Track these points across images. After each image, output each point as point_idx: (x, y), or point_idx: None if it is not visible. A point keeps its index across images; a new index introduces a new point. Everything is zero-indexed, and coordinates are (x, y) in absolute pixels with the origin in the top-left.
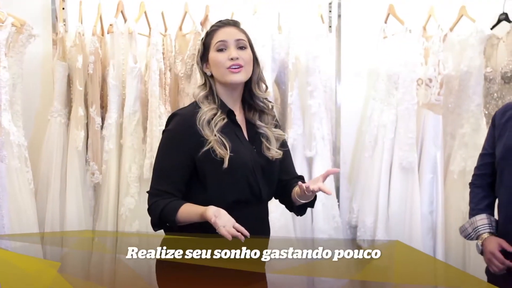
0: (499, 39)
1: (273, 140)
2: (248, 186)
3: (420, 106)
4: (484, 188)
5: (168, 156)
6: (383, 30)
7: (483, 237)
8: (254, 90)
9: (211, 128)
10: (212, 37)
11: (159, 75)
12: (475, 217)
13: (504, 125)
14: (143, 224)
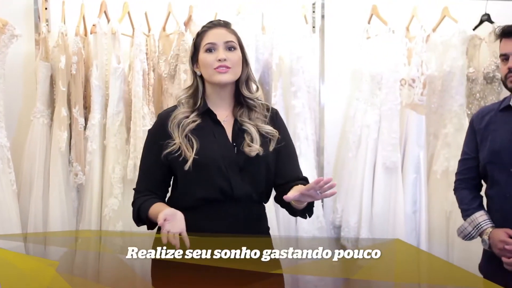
0: (482, 40)
1: (256, 136)
2: (218, 184)
3: (404, 106)
4: (471, 190)
5: (145, 155)
6: (367, 30)
7: (488, 232)
8: (242, 90)
9: (180, 130)
10: (202, 38)
11: (142, 76)
12: (474, 214)
13: (485, 129)
14: (127, 225)
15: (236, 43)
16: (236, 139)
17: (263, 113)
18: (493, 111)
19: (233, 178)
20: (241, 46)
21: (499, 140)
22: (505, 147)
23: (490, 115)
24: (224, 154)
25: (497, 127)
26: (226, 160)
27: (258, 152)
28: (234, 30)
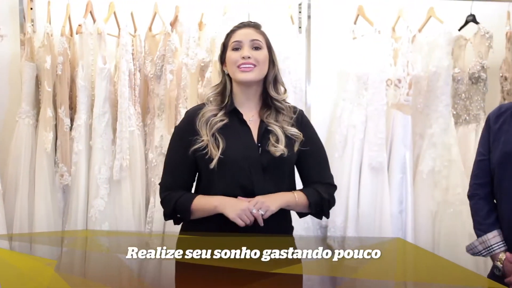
0: (467, 40)
1: (281, 137)
2: (239, 184)
3: (390, 107)
4: (488, 200)
5: (172, 152)
6: (353, 31)
7: (501, 258)
8: (269, 91)
9: (208, 128)
10: (230, 38)
11: (128, 76)
12: (486, 235)
13: (499, 129)
14: (113, 225)
15: (263, 43)
16: (261, 139)
17: (289, 115)
18: (510, 110)
19: (256, 178)
20: (269, 47)
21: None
22: None
23: (506, 115)
24: (248, 154)
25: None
26: (250, 160)
27: (283, 153)
28: (262, 31)
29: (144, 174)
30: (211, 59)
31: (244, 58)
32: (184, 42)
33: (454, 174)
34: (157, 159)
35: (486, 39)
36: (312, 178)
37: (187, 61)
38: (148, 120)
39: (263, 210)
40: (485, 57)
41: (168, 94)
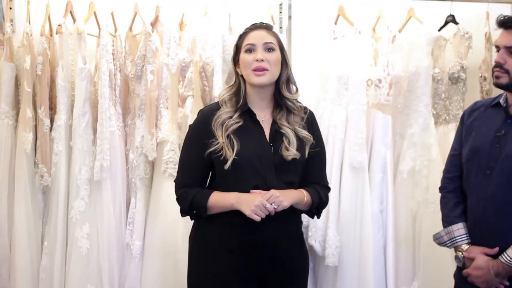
0: (446, 41)
1: (293, 140)
2: (252, 184)
3: (370, 107)
4: (456, 193)
5: (187, 151)
6: (333, 31)
7: (463, 249)
8: (282, 91)
9: (223, 130)
10: (243, 40)
11: (109, 76)
12: (451, 227)
13: (471, 125)
14: (94, 227)
15: (275, 44)
16: (273, 140)
17: (300, 116)
18: (484, 107)
19: (269, 177)
20: (281, 48)
21: (480, 138)
22: (485, 146)
23: (479, 111)
24: (262, 154)
25: (483, 124)
26: (263, 160)
27: (295, 157)
28: (275, 33)
29: (125, 174)
30: (192, 59)
31: (257, 61)
32: (164, 42)
33: (434, 173)
34: (138, 160)
35: (465, 39)
36: (313, 178)
37: (168, 61)
38: (128, 120)
39: (276, 204)
40: (464, 57)
41: (148, 95)
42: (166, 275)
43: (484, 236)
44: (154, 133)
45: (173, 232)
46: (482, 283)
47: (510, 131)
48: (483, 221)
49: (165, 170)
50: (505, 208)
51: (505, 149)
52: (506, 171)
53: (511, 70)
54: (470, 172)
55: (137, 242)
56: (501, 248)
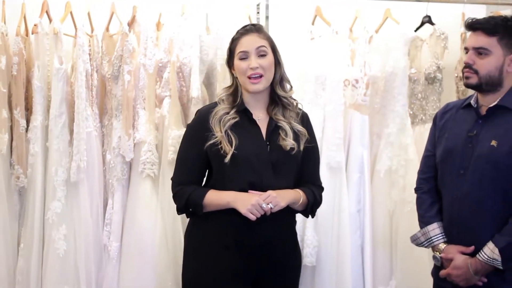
0: (423, 41)
1: (289, 132)
2: (249, 180)
3: (347, 107)
4: (431, 194)
5: (185, 148)
6: (311, 31)
7: (440, 248)
8: (277, 90)
9: (220, 125)
10: (236, 45)
11: (85, 77)
12: (427, 227)
13: (444, 126)
14: (71, 228)
15: (267, 47)
16: (270, 136)
17: (295, 111)
18: (455, 108)
19: (265, 174)
20: (273, 49)
21: (453, 139)
22: (458, 147)
23: (451, 112)
24: (258, 152)
25: (455, 125)
26: (260, 158)
27: (293, 146)
28: (266, 34)
29: (102, 175)
30: (169, 60)
31: (252, 69)
32: (141, 43)
33: (411, 173)
34: (115, 160)
35: (441, 40)
36: (307, 178)
37: (145, 62)
38: (105, 121)
39: (273, 204)
40: (440, 57)
41: (125, 95)
42: (144, 276)
43: (460, 234)
44: (131, 133)
45: (151, 233)
46: (462, 281)
47: (482, 131)
48: (459, 220)
49: (142, 171)
50: (478, 206)
51: (477, 149)
52: (479, 170)
53: (480, 71)
54: (445, 173)
55: (114, 243)
56: (477, 246)
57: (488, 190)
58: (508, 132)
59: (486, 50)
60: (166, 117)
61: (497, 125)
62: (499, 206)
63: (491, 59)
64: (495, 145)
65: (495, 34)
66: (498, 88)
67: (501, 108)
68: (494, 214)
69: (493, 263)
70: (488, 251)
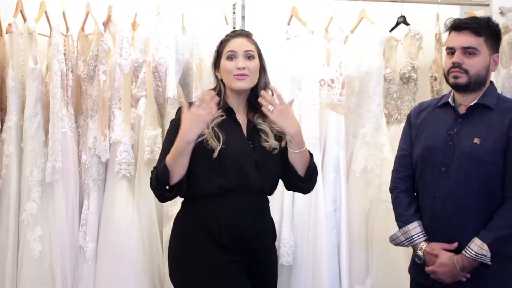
0: (398, 41)
1: (271, 134)
2: (236, 176)
3: (323, 107)
4: (408, 193)
5: (169, 141)
6: (286, 31)
7: (421, 247)
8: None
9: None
10: (225, 46)
11: (60, 77)
12: (407, 226)
13: (420, 125)
14: (46, 229)
15: (255, 52)
16: (251, 137)
17: None
18: (431, 107)
19: (250, 172)
20: (260, 55)
21: (433, 137)
22: (438, 145)
23: (427, 111)
24: (243, 149)
25: (433, 123)
26: (245, 155)
27: (275, 147)
28: (254, 40)
29: (78, 176)
30: (144, 60)
31: (239, 69)
32: (117, 42)
33: (386, 172)
34: (91, 161)
35: (416, 40)
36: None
37: (121, 62)
38: (81, 121)
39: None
40: (415, 57)
41: (101, 95)
42: (120, 277)
43: (443, 232)
44: (107, 134)
45: (127, 233)
46: (448, 278)
47: (462, 129)
48: (442, 217)
49: (118, 171)
50: (463, 203)
51: (460, 147)
52: (463, 168)
53: (470, 70)
54: (425, 171)
55: (90, 244)
56: (460, 243)
57: (472, 187)
58: (490, 129)
59: (475, 49)
60: (142, 117)
61: (478, 123)
62: (483, 202)
63: (480, 59)
64: (478, 142)
65: (482, 34)
66: (482, 87)
67: (480, 106)
68: (479, 211)
69: (481, 259)
70: (475, 247)
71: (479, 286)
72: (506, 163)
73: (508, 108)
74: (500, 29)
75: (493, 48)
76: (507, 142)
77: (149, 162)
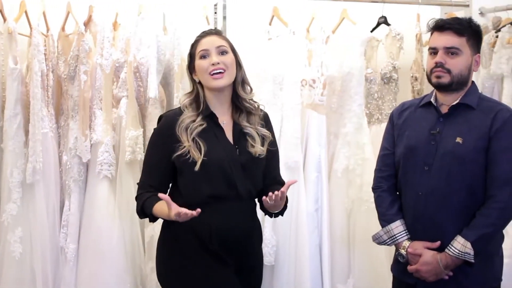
0: (379, 41)
1: (257, 138)
2: (224, 183)
3: (304, 107)
4: (391, 192)
5: (150, 154)
6: (268, 32)
7: (404, 245)
8: (239, 92)
9: (188, 134)
10: (196, 47)
11: (41, 77)
12: (390, 225)
13: (403, 124)
14: (27, 230)
15: (227, 47)
16: (238, 141)
17: (258, 114)
18: (413, 107)
19: (237, 177)
20: (233, 50)
21: (415, 136)
22: (421, 144)
23: (409, 111)
24: (228, 155)
25: (415, 123)
26: (231, 161)
27: (262, 153)
28: (225, 37)
29: (58, 176)
30: (126, 60)
31: (213, 65)
32: (98, 43)
33: (367, 172)
34: (72, 161)
35: (397, 40)
36: (273, 177)
37: (102, 62)
38: (62, 121)
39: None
40: (396, 57)
41: (82, 95)
42: (101, 279)
43: (425, 230)
44: (88, 134)
45: (109, 234)
46: (431, 276)
47: (444, 128)
48: (425, 215)
49: (99, 172)
50: (445, 202)
51: (442, 146)
52: (446, 167)
53: (452, 70)
54: (408, 170)
55: (71, 245)
56: (443, 241)
57: (455, 186)
58: (472, 129)
59: (457, 49)
60: (123, 118)
61: (460, 123)
62: (465, 201)
63: (462, 59)
64: (460, 141)
65: (464, 35)
66: (464, 87)
67: (462, 106)
68: (461, 209)
69: (464, 257)
70: (458, 245)
71: (462, 284)
72: (488, 162)
73: (490, 107)
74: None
75: (475, 48)
76: (489, 141)
77: (130, 163)
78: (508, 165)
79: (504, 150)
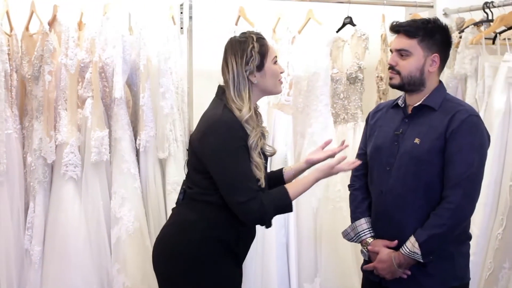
0: (345, 42)
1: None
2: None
3: (271, 107)
4: (362, 190)
5: (242, 159)
6: (234, 32)
7: (367, 242)
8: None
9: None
10: (267, 50)
11: (4, 77)
12: (355, 222)
13: (374, 125)
14: None
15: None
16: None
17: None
18: (386, 108)
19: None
20: None
21: (382, 137)
22: (385, 145)
23: (382, 111)
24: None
25: (384, 123)
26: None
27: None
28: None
29: (23, 178)
30: (91, 60)
31: (281, 73)
32: (63, 42)
33: None
34: (36, 163)
35: (362, 40)
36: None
37: (66, 62)
38: (26, 122)
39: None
40: (361, 58)
41: (46, 96)
42: (67, 281)
43: (386, 229)
44: (53, 135)
45: (74, 236)
46: (387, 274)
47: (407, 129)
48: (384, 214)
49: (64, 173)
50: (402, 201)
51: (403, 147)
52: (403, 166)
53: (401, 71)
54: (373, 169)
55: (36, 248)
56: (402, 240)
57: (410, 185)
58: (430, 130)
59: (407, 51)
60: (88, 118)
61: (421, 124)
62: (421, 201)
63: (412, 60)
64: (418, 142)
65: (416, 36)
66: (421, 88)
67: (425, 107)
68: (417, 209)
69: (414, 257)
70: (409, 244)
71: (421, 283)
72: (444, 163)
73: (450, 108)
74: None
75: (430, 49)
76: (445, 142)
77: (96, 164)
78: (462, 166)
79: (459, 151)
